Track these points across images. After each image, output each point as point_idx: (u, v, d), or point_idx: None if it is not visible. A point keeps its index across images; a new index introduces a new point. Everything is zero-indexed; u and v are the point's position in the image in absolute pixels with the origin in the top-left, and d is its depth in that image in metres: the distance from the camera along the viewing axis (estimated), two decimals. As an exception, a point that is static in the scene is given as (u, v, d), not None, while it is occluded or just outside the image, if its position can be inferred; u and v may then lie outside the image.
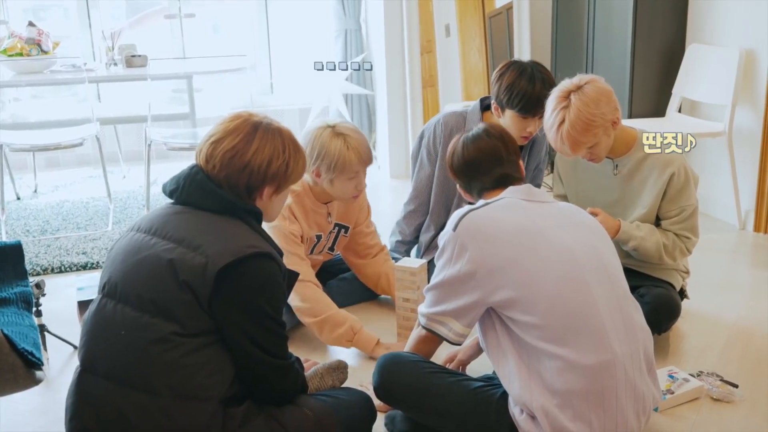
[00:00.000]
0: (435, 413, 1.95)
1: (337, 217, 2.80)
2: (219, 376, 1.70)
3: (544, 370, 1.73)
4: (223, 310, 1.68)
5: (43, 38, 4.48)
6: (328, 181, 2.58)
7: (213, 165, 1.78)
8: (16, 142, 4.00)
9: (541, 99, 2.56)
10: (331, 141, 2.52)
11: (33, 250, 3.63)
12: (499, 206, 1.87)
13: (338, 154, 2.51)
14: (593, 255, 1.82)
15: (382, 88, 5.11)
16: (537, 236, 1.79)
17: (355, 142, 2.54)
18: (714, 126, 3.77)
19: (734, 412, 2.21)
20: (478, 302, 1.80)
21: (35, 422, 2.24)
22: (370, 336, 2.56)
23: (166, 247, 1.71)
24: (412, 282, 2.55)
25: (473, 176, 2.01)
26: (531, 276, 1.74)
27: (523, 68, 2.71)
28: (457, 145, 2.05)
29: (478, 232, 1.79)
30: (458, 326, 1.86)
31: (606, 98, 2.31)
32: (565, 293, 1.74)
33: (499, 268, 1.76)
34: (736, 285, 3.14)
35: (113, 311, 1.71)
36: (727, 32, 3.83)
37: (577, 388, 1.71)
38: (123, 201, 4.43)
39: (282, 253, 1.82)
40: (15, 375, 1.71)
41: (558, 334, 1.72)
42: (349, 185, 2.58)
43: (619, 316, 1.79)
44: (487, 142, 2.00)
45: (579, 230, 1.86)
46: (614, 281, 1.83)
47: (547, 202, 1.91)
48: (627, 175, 2.51)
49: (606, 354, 1.73)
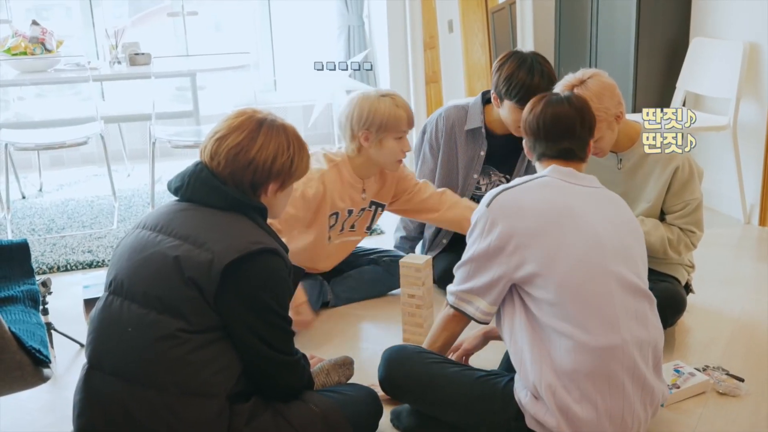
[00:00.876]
0: (441, 403, 1.96)
1: (372, 194, 2.81)
2: (225, 372, 1.71)
3: (554, 349, 1.76)
4: (229, 306, 1.69)
5: (46, 37, 4.49)
6: (376, 143, 2.62)
7: (218, 162, 1.78)
8: (20, 141, 4.01)
9: (540, 90, 2.56)
10: (379, 101, 2.59)
11: (39, 248, 3.64)
12: (534, 185, 1.90)
13: (389, 112, 2.58)
14: (620, 245, 1.84)
15: (385, 85, 5.10)
16: (566, 216, 1.82)
17: (401, 101, 2.63)
18: (718, 120, 3.76)
19: (740, 406, 2.20)
20: (503, 277, 1.83)
21: (43, 419, 2.25)
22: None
23: (171, 244, 1.71)
24: (417, 278, 2.55)
25: (541, 139, 1.99)
26: (553, 253, 1.78)
27: (523, 59, 2.73)
28: (538, 104, 2.02)
29: (509, 208, 1.84)
30: (484, 304, 1.89)
31: (609, 92, 2.31)
32: (582, 275, 1.77)
33: (525, 243, 1.80)
34: (741, 279, 3.13)
35: (120, 308, 1.72)
36: (731, 26, 3.82)
37: (584, 369, 1.74)
38: (128, 199, 4.44)
39: (287, 249, 1.83)
40: (23, 372, 1.72)
41: (570, 313, 1.75)
42: (396, 147, 2.63)
43: (633, 307, 1.81)
44: (567, 110, 1.97)
45: (612, 218, 1.88)
46: (636, 275, 1.84)
47: (589, 186, 1.93)
48: (631, 169, 2.51)
49: (615, 338, 1.75)
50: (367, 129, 2.60)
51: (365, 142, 2.62)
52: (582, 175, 1.94)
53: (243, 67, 4.80)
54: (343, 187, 2.69)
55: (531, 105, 2.04)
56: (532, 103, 2.04)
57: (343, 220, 2.78)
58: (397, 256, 3.01)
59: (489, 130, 2.95)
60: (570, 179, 1.91)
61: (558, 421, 1.76)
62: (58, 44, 4.60)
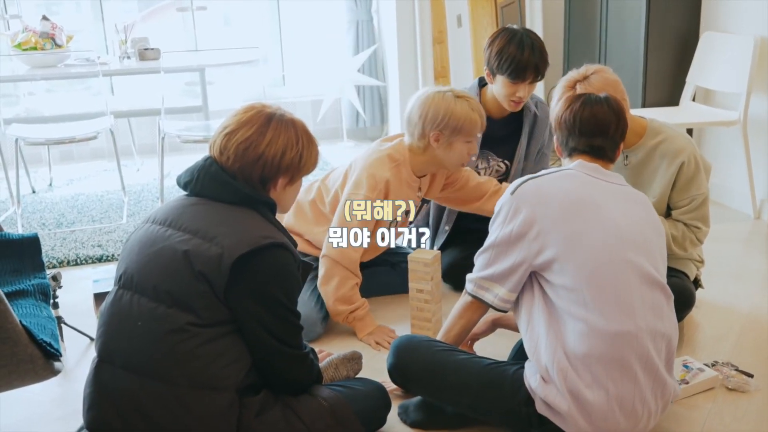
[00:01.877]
0: (449, 390, 1.97)
1: (425, 191, 2.81)
2: (235, 365, 1.72)
3: (568, 333, 1.78)
4: (239, 300, 1.69)
5: (56, 32, 4.50)
6: (446, 145, 2.59)
7: (227, 157, 1.79)
8: (30, 135, 4.03)
9: (530, 64, 2.71)
10: (456, 104, 2.56)
11: (49, 243, 3.66)
12: (559, 176, 1.93)
13: (465, 116, 2.55)
14: (640, 237, 1.86)
15: (394, 79, 5.10)
16: (589, 205, 1.85)
17: (476, 105, 2.60)
18: (728, 114, 3.74)
19: (749, 401, 2.20)
20: (524, 262, 1.85)
21: (53, 412, 2.27)
22: (368, 323, 2.63)
23: (181, 239, 1.72)
24: (426, 273, 2.55)
25: (575, 134, 1.99)
26: (573, 239, 1.80)
27: (514, 34, 2.76)
28: (576, 101, 2.01)
29: (534, 196, 1.86)
30: (503, 291, 1.90)
31: (612, 89, 2.28)
32: (601, 262, 1.79)
33: (546, 229, 1.82)
34: (750, 274, 3.12)
35: (129, 302, 1.73)
36: (742, 20, 3.80)
37: (596, 353, 1.75)
38: (137, 194, 4.45)
39: (296, 243, 1.83)
40: (34, 366, 1.73)
41: (587, 298, 1.77)
42: (464, 150, 2.62)
43: (650, 297, 1.82)
44: (605, 111, 1.98)
45: (634, 213, 1.90)
46: (654, 267, 1.86)
47: (615, 183, 1.94)
48: (637, 165, 2.50)
49: (629, 324, 1.77)
50: (440, 130, 2.56)
51: (435, 142, 2.59)
52: (608, 172, 1.95)
53: (252, 61, 4.80)
54: (401, 188, 2.66)
55: (568, 102, 2.03)
56: (568, 100, 2.04)
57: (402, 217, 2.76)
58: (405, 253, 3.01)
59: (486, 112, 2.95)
60: (595, 174, 1.92)
61: (569, 405, 1.76)
62: (68, 39, 4.61)
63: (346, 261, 2.59)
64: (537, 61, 2.72)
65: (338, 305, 2.61)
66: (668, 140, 2.45)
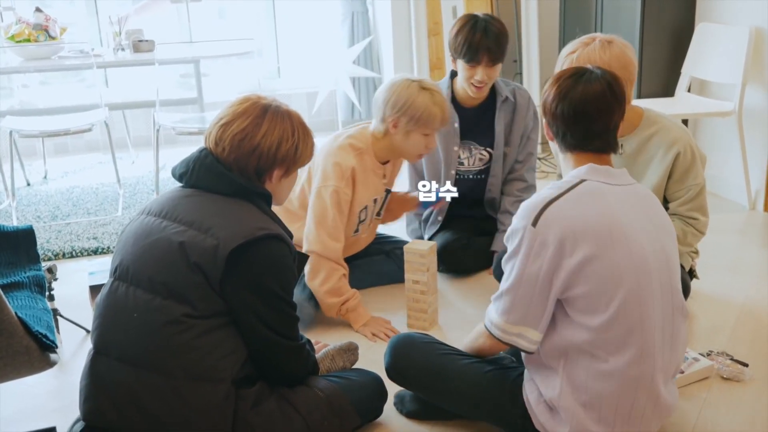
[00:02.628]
0: (448, 395, 1.95)
1: (389, 179, 2.83)
2: (231, 357, 1.72)
3: (582, 370, 1.71)
4: (234, 291, 1.69)
5: (50, 24, 4.48)
6: (403, 133, 2.60)
7: (222, 148, 1.78)
8: (25, 128, 4.02)
9: (482, 46, 2.78)
10: (418, 94, 2.55)
11: (44, 235, 3.65)
12: (579, 197, 1.70)
13: (424, 108, 2.54)
14: (663, 260, 1.74)
15: (389, 71, 5.09)
16: (618, 238, 1.67)
17: (440, 99, 2.59)
18: (724, 105, 3.74)
19: (744, 391, 2.21)
20: (553, 299, 1.70)
21: (49, 404, 2.27)
22: (361, 314, 2.63)
23: (176, 230, 1.72)
24: (422, 264, 2.56)
25: (572, 126, 1.78)
26: (605, 281, 1.65)
27: (470, 18, 2.85)
28: (568, 81, 1.80)
29: (558, 226, 1.66)
30: (534, 334, 1.72)
31: (622, 64, 2.26)
32: (629, 306, 1.66)
33: (578, 266, 1.65)
34: (745, 265, 3.13)
35: (125, 294, 1.73)
36: (737, 11, 3.80)
37: (609, 394, 1.70)
38: (132, 186, 4.45)
39: (291, 235, 1.83)
40: (30, 357, 1.73)
41: (610, 343, 1.67)
42: (421, 142, 2.61)
43: (670, 330, 1.75)
44: (605, 93, 1.77)
45: (652, 224, 1.76)
46: (674, 290, 1.76)
47: (626, 185, 1.78)
48: (632, 154, 2.48)
49: (648, 367, 1.70)
50: (398, 117, 2.57)
51: (393, 128, 2.60)
52: (617, 173, 1.79)
53: (247, 53, 4.79)
54: (367, 175, 2.68)
55: (557, 83, 1.79)
56: (557, 80, 1.80)
57: (371, 210, 2.78)
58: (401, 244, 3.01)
59: (457, 102, 3.02)
60: (609, 180, 1.75)
61: None
62: (62, 31, 4.59)
63: (330, 253, 2.59)
64: (489, 43, 2.77)
65: (328, 298, 2.61)
66: (663, 130, 2.43)
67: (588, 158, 1.79)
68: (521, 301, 1.71)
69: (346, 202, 2.61)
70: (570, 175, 1.78)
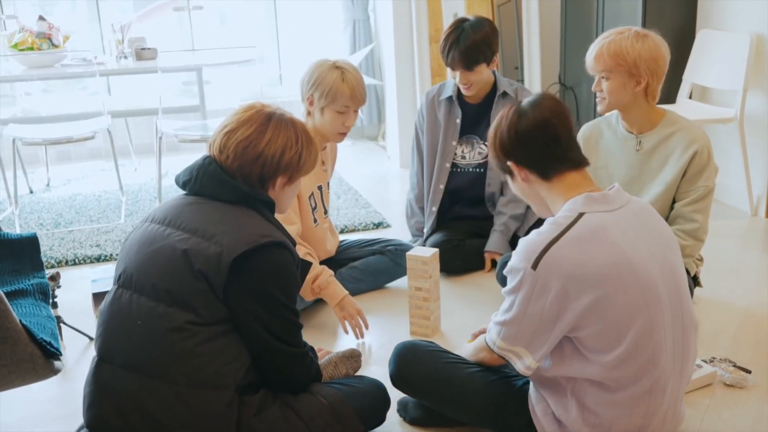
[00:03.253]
0: (453, 403, 1.95)
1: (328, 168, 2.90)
2: (235, 364, 1.72)
3: (592, 397, 1.69)
4: (238, 298, 1.70)
5: (53, 32, 4.50)
6: (318, 110, 2.67)
7: (226, 155, 1.79)
8: (27, 136, 4.03)
9: (450, 55, 2.96)
10: (328, 71, 2.65)
11: (47, 243, 3.66)
12: (581, 236, 1.63)
13: (332, 83, 2.62)
14: (671, 280, 1.70)
15: (391, 78, 5.10)
16: (627, 275, 1.62)
17: (350, 77, 2.66)
18: (725, 112, 3.75)
19: (747, 397, 2.21)
20: (557, 336, 1.67)
21: (53, 412, 2.27)
22: (336, 291, 2.62)
23: (180, 238, 1.72)
24: (425, 271, 2.56)
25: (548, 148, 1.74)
26: (615, 319, 1.62)
27: (451, 25, 3.00)
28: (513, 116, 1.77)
29: (562, 272, 1.60)
30: (530, 360, 1.70)
31: (652, 55, 2.34)
32: (642, 340, 1.63)
33: (585, 309, 1.61)
34: (748, 271, 3.13)
35: (129, 301, 1.73)
36: (738, 17, 3.81)
37: (618, 418, 1.69)
38: (135, 193, 4.45)
39: (294, 242, 1.84)
40: (34, 365, 1.73)
41: (622, 377, 1.66)
42: (337, 119, 2.67)
43: (680, 350, 1.73)
44: (557, 112, 1.76)
45: (657, 243, 1.72)
46: (684, 308, 1.73)
47: (624, 206, 1.71)
48: (649, 151, 2.51)
49: (659, 393, 1.69)
50: (312, 94, 2.66)
51: (310, 106, 2.69)
52: (613, 195, 1.72)
53: (249, 61, 4.80)
54: None
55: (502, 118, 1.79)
56: (499, 119, 1.80)
57: (319, 198, 2.83)
58: (402, 245, 3.03)
59: (462, 98, 3.16)
60: (607, 207, 1.69)
61: None
62: (65, 39, 4.61)
63: None
64: (456, 53, 2.93)
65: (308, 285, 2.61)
66: (684, 130, 2.47)
67: (570, 178, 1.73)
68: (524, 334, 1.69)
69: None
70: (565, 209, 1.70)
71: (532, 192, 1.79)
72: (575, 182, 1.73)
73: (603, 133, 2.61)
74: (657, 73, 2.36)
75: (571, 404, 1.73)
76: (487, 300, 2.87)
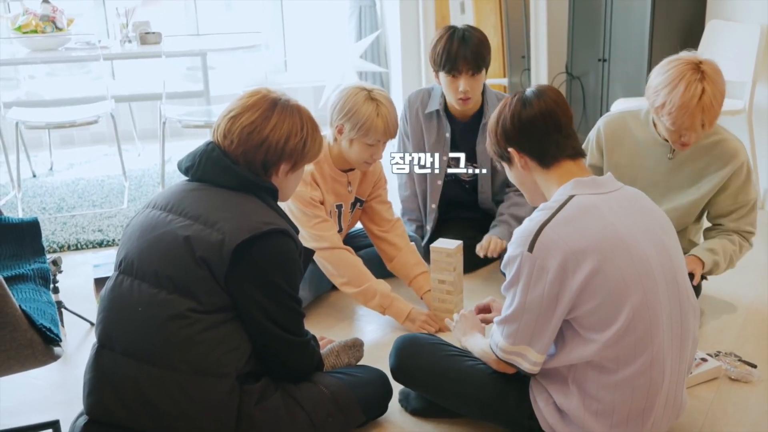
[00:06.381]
0: (453, 396, 1.94)
1: (356, 188, 2.79)
2: (236, 352, 1.71)
3: (592, 381, 1.69)
4: (240, 286, 1.68)
5: (57, 15, 4.47)
6: (347, 140, 2.57)
7: (230, 140, 1.77)
8: (31, 119, 4.01)
9: (459, 55, 2.76)
10: (364, 103, 2.52)
11: (49, 227, 3.65)
12: (572, 214, 1.67)
13: (367, 117, 2.50)
14: (667, 261, 1.71)
15: (396, 66, 5.07)
16: (619, 247, 1.64)
17: (385, 111, 2.54)
18: (734, 104, 3.71)
19: (752, 392, 2.19)
20: (558, 321, 1.67)
21: (53, 397, 2.26)
22: (400, 311, 2.58)
23: (182, 224, 1.71)
24: (449, 263, 2.51)
25: (549, 135, 1.77)
26: (612, 293, 1.63)
27: (450, 31, 2.84)
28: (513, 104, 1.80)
29: (558, 251, 1.62)
30: (536, 356, 1.71)
31: (722, 92, 2.24)
32: (639, 314, 1.64)
33: (583, 282, 1.62)
34: (754, 265, 3.10)
35: (130, 288, 1.72)
36: (748, 8, 3.77)
37: (621, 402, 1.68)
38: (138, 179, 4.44)
39: (297, 230, 1.82)
40: (33, 351, 1.72)
41: (621, 354, 1.65)
42: (366, 151, 2.57)
43: (678, 330, 1.72)
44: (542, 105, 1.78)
45: (652, 227, 1.73)
46: (681, 289, 1.73)
47: (615, 191, 1.75)
48: (682, 161, 2.44)
49: (658, 372, 1.68)
50: (343, 123, 2.54)
51: (338, 134, 2.58)
52: (604, 180, 1.76)
53: (254, 47, 4.78)
54: (327, 182, 2.64)
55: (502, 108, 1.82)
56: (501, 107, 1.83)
57: (336, 217, 2.74)
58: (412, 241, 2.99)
59: (450, 114, 3.00)
60: (597, 190, 1.72)
61: None
62: (69, 22, 4.58)
63: (327, 242, 2.56)
64: (467, 52, 2.76)
65: (361, 299, 2.59)
66: (724, 142, 2.41)
67: (567, 166, 1.76)
68: (526, 327, 1.69)
69: (316, 198, 2.59)
70: (557, 193, 1.74)
71: (528, 179, 1.83)
72: (571, 171, 1.77)
73: (631, 129, 2.50)
74: (723, 92, 2.28)
75: (572, 392, 1.72)
76: (495, 293, 2.85)
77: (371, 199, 2.86)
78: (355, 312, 2.77)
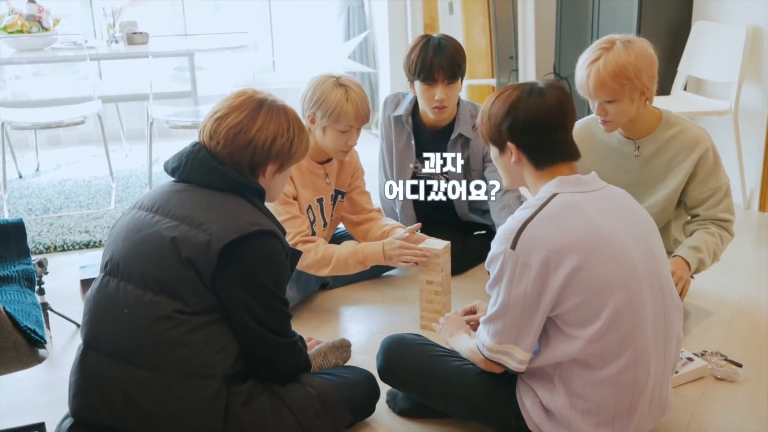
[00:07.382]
0: (441, 397, 1.94)
1: (334, 180, 2.79)
2: (223, 353, 1.70)
3: (578, 378, 1.70)
4: (227, 287, 1.68)
5: (43, 15, 4.45)
6: (320, 129, 2.58)
7: (217, 141, 1.77)
8: (17, 119, 3.99)
9: (435, 64, 2.73)
10: (332, 89, 2.53)
11: (35, 228, 3.63)
12: (554, 212, 1.68)
13: (336, 103, 2.52)
14: (650, 260, 1.72)
15: (384, 66, 5.07)
16: (602, 245, 1.65)
17: (355, 96, 2.55)
18: (720, 104, 3.74)
19: (738, 391, 2.20)
20: (542, 318, 1.68)
21: (39, 399, 2.25)
22: (375, 252, 2.59)
23: (168, 225, 1.70)
24: (436, 264, 2.51)
25: (545, 136, 1.77)
26: (594, 290, 1.63)
27: (425, 40, 2.81)
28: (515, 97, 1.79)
29: (540, 248, 1.63)
30: (521, 353, 1.71)
31: (648, 62, 2.24)
32: (622, 312, 1.64)
33: (565, 280, 1.63)
34: (740, 264, 3.12)
35: (116, 289, 1.71)
36: (734, 9, 3.79)
37: (606, 399, 1.69)
38: (125, 179, 4.42)
39: (284, 231, 1.82)
40: (18, 353, 1.71)
41: (605, 351, 1.66)
42: (340, 138, 2.58)
43: (662, 328, 1.73)
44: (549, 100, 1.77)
45: (635, 226, 1.75)
46: (664, 288, 1.74)
47: (599, 189, 1.76)
48: (649, 156, 2.45)
49: (642, 370, 1.68)
50: (314, 112, 2.56)
51: (311, 123, 2.59)
52: (587, 179, 1.77)
53: (241, 47, 4.76)
54: (303, 176, 2.64)
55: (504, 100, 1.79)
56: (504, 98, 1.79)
57: (318, 211, 2.74)
58: None
59: (419, 122, 2.98)
60: (580, 188, 1.73)
61: None
62: (55, 22, 4.56)
63: (298, 232, 2.57)
64: (443, 61, 2.73)
65: (340, 271, 2.60)
66: (684, 132, 2.41)
67: (560, 170, 1.77)
68: (511, 324, 1.70)
69: (289, 194, 2.59)
70: (541, 191, 1.75)
71: (515, 170, 1.83)
72: (562, 173, 1.77)
73: (595, 134, 2.51)
74: (653, 75, 2.29)
75: (558, 390, 1.72)
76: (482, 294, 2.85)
77: (350, 191, 2.86)
78: (342, 313, 2.77)
